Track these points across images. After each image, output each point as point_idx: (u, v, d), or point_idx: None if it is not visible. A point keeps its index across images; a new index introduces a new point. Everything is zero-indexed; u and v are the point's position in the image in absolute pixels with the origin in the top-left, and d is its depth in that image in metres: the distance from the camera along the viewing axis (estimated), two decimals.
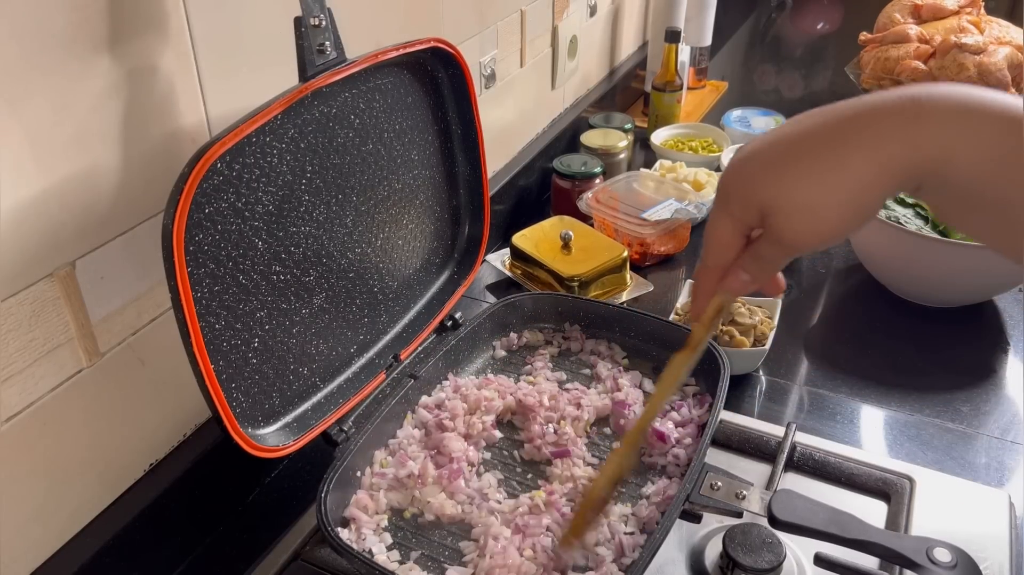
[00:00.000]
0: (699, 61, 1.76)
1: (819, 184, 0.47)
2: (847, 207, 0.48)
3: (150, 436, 0.73)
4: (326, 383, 0.79)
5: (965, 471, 0.84)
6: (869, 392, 0.95)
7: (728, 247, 0.53)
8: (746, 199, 0.50)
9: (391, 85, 0.79)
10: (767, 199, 0.49)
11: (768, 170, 0.49)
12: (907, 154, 0.46)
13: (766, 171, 0.49)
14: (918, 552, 0.63)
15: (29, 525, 0.63)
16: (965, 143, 0.44)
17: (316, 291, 0.75)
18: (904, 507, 0.77)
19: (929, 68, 1.49)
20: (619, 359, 0.91)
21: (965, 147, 0.44)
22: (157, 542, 0.72)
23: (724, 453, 0.84)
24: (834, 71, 1.92)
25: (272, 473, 0.84)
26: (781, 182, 0.48)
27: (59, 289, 0.61)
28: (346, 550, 0.65)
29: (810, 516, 0.66)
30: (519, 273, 1.13)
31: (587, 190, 1.23)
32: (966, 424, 0.90)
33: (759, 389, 0.96)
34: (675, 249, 1.21)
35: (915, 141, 0.45)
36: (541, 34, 1.32)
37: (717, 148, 1.46)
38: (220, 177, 0.63)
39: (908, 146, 0.46)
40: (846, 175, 0.47)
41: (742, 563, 0.69)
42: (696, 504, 0.69)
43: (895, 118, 0.46)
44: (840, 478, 0.81)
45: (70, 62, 0.57)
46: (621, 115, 1.45)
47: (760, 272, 0.54)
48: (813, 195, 0.48)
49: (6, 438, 0.59)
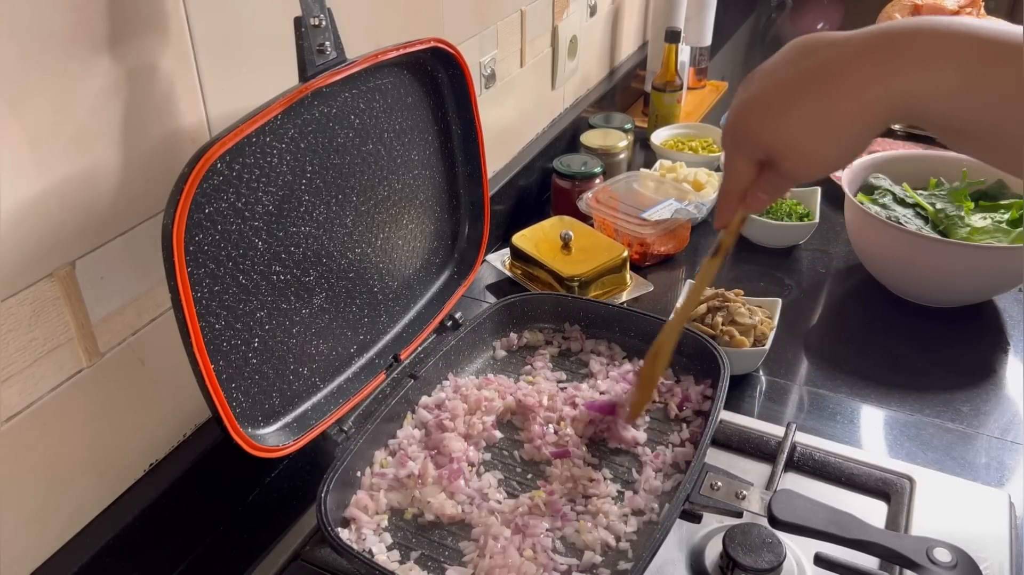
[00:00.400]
0: (699, 61, 1.76)
1: (811, 130, 0.55)
2: (838, 147, 0.55)
3: (150, 436, 0.73)
4: (326, 383, 0.79)
5: (965, 471, 0.84)
6: (869, 392, 0.95)
7: (744, 175, 0.61)
8: (752, 143, 0.59)
9: (391, 85, 0.79)
10: (768, 143, 0.57)
11: (767, 118, 0.56)
12: (887, 96, 0.51)
13: (765, 119, 0.56)
14: (918, 552, 0.63)
15: (29, 525, 0.63)
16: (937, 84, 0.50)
17: (316, 291, 0.75)
18: (904, 507, 0.77)
19: None
20: (619, 359, 0.91)
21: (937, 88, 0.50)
22: (157, 542, 0.72)
23: (724, 453, 0.84)
24: None
25: (272, 473, 0.84)
26: (779, 129, 0.56)
27: (59, 289, 0.61)
28: (346, 550, 0.65)
29: (810, 516, 0.66)
30: (519, 273, 1.13)
31: (587, 190, 1.23)
32: (966, 424, 0.90)
33: (759, 389, 0.96)
34: (675, 249, 1.21)
35: (892, 84, 0.51)
36: (541, 34, 1.32)
37: (717, 148, 1.45)
38: (220, 177, 0.63)
39: (887, 89, 0.51)
40: (835, 121, 0.54)
41: (742, 563, 0.69)
42: (696, 504, 0.69)
43: (874, 66, 0.51)
44: (840, 478, 0.81)
45: (70, 62, 0.57)
46: (621, 115, 1.45)
47: (774, 194, 0.63)
48: (807, 141, 0.55)
49: (6, 438, 0.59)
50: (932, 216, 1.09)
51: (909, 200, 1.12)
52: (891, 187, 1.15)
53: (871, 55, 0.51)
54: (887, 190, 1.14)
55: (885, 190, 1.14)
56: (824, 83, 0.53)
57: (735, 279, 1.16)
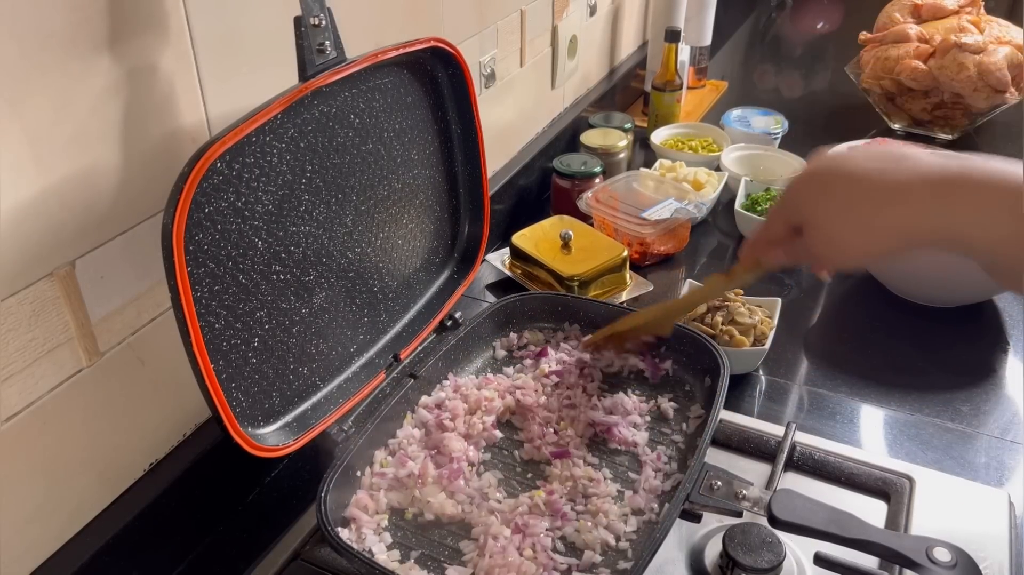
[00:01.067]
0: (699, 60, 1.76)
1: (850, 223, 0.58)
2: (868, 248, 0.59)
3: (150, 435, 0.73)
4: (326, 383, 0.79)
5: (965, 471, 0.84)
6: (869, 392, 0.95)
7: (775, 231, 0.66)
8: (795, 207, 0.63)
9: (391, 85, 0.79)
10: (808, 216, 0.61)
11: (821, 194, 0.60)
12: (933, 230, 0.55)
13: (819, 194, 0.60)
14: (918, 552, 0.63)
15: (29, 525, 0.63)
16: (986, 233, 0.54)
17: (316, 291, 0.75)
18: (904, 507, 0.77)
19: (929, 68, 1.49)
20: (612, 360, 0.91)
21: (985, 236, 0.54)
22: (157, 542, 0.72)
23: (724, 453, 0.84)
24: (834, 71, 1.92)
25: (272, 473, 0.84)
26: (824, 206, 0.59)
27: (59, 288, 0.61)
28: (346, 550, 0.65)
29: (810, 516, 0.66)
30: (519, 273, 1.13)
31: (587, 190, 1.23)
32: (966, 424, 0.90)
33: (759, 389, 0.96)
34: (675, 248, 1.21)
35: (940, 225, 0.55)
36: (541, 34, 1.32)
37: (717, 148, 1.46)
38: (220, 177, 0.63)
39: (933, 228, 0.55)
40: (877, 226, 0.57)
41: (742, 563, 0.69)
42: (696, 504, 0.69)
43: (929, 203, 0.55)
44: (840, 478, 0.81)
45: (70, 62, 0.57)
46: (621, 115, 1.45)
47: (791, 260, 0.67)
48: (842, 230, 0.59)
49: (6, 438, 0.59)
50: None
51: None
52: None
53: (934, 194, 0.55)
54: None
55: None
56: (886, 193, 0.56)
57: None
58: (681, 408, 0.84)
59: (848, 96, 1.73)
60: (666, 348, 0.88)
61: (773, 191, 1.25)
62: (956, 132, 1.55)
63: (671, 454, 0.79)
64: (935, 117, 1.54)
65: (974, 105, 1.49)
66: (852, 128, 1.57)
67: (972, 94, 1.46)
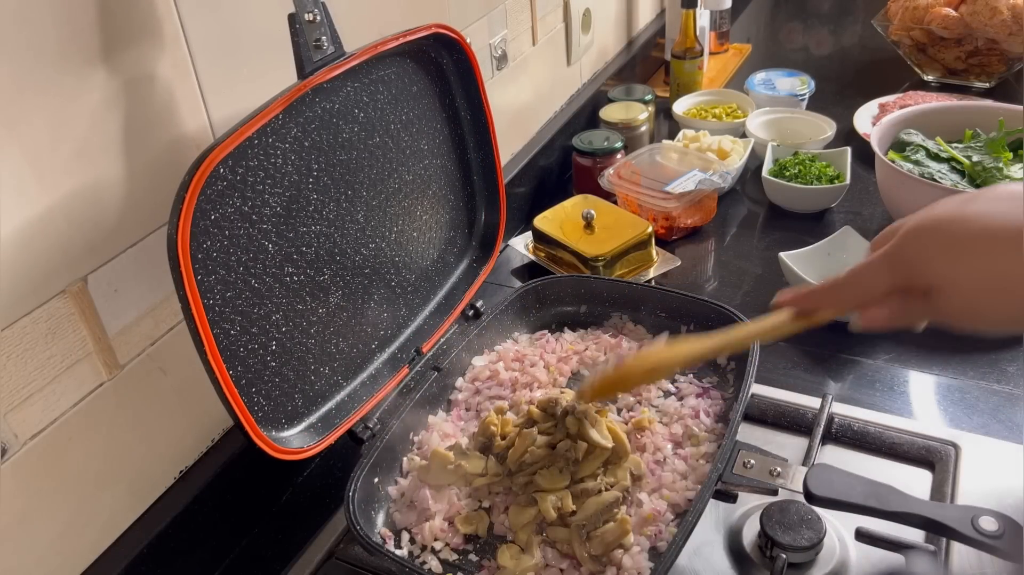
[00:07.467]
0: (720, 24, 1.71)
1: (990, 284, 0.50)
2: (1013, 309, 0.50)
3: (178, 443, 0.73)
4: (348, 381, 0.78)
5: (1013, 434, 0.80)
6: (909, 357, 0.91)
7: (872, 289, 0.56)
8: (919, 271, 0.53)
9: (394, 75, 0.78)
10: (938, 279, 0.52)
11: (947, 252, 0.51)
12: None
13: (945, 253, 0.51)
14: (963, 522, 0.60)
15: (61, 539, 0.63)
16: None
17: (332, 290, 0.75)
18: (949, 475, 0.74)
19: (960, 14, 1.43)
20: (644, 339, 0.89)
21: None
22: (191, 548, 0.72)
23: (759, 428, 0.82)
24: (863, 24, 1.86)
25: (304, 473, 0.84)
26: (956, 269, 0.51)
27: (73, 305, 0.61)
28: (376, 548, 0.65)
29: (847, 490, 0.64)
30: (543, 256, 1.12)
31: (608, 166, 1.20)
32: (1013, 384, 0.86)
33: (792, 359, 0.93)
34: (702, 221, 1.18)
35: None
36: (552, 10, 1.29)
37: (741, 113, 1.42)
38: (224, 182, 0.62)
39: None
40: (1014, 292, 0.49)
41: (781, 542, 0.68)
42: (729, 483, 0.67)
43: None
44: (881, 448, 0.78)
45: (64, 78, 0.57)
46: (641, 87, 1.41)
47: (904, 321, 0.56)
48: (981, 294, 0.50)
49: (32, 455, 0.60)
50: (968, 170, 1.05)
51: (943, 155, 1.08)
52: (924, 142, 1.10)
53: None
54: (919, 146, 1.10)
55: (917, 146, 1.10)
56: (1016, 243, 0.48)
57: (767, 246, 1.13)
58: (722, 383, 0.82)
59: (878, 50, 1.67)
60: (697, 325, 0.86)
61: (801, 155, 1.21)
62: (993, 80, 1.49)
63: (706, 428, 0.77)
64: (970, 65, 1.48)
65: (1010, 50, 1.42)
66: (884, 82, 1.52)
67: (1008, 38, 1.40)
